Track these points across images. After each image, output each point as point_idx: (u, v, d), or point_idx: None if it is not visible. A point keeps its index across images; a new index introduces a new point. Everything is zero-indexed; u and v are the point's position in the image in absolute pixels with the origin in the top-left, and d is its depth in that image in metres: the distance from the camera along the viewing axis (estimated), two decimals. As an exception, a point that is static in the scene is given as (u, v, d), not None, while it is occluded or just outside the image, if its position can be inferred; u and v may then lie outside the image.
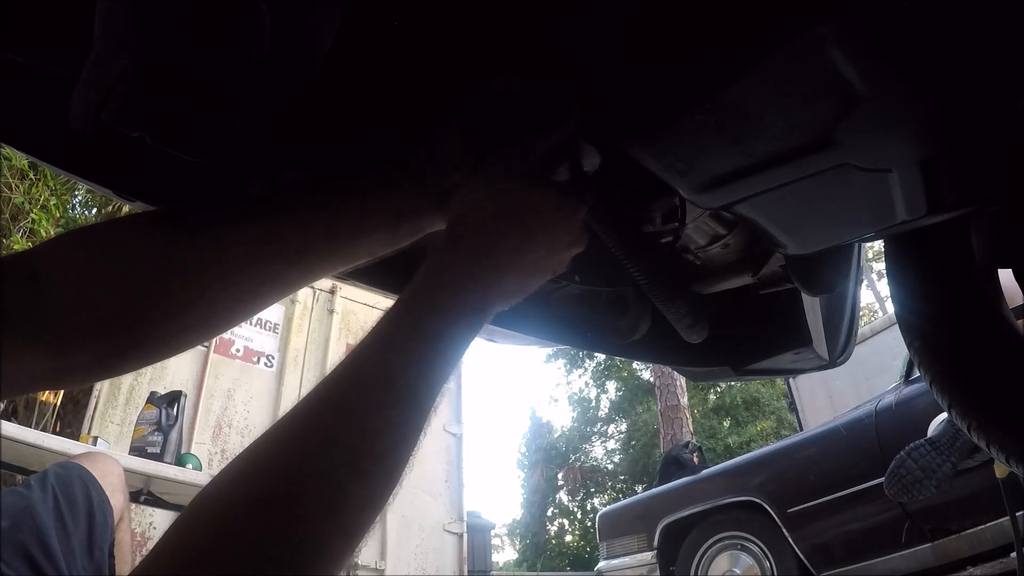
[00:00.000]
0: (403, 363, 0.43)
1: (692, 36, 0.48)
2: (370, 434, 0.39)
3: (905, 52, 0.45)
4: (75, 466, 1.23)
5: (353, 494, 0.37)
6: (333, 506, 0.36)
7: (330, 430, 0.38)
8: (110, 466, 1.31)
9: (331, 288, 5.45)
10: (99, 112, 0.48)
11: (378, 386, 0.41)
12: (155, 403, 2.70)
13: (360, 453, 0.38)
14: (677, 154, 0.56)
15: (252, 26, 0.45)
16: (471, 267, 0.49)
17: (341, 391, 0.41)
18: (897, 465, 2.06)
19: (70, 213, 6.12)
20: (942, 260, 0.90)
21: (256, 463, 0.37)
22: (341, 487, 0.36)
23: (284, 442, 0.38)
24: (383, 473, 0.39)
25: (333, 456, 0.37)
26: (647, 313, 0.91)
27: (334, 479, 0.36)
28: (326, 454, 0.37)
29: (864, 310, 14.36)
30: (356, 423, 0.39)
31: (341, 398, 0.40)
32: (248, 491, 0.35)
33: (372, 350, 0.43)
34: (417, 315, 0.46)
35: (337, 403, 0.40)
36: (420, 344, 0.44)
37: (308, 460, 0.36)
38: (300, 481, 0.35)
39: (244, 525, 0.33)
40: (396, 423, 0.41)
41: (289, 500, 0.34)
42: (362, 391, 0.41)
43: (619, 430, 20.27)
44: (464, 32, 0.64)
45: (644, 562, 3.77)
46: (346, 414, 0.39)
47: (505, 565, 20.68)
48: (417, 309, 0.46)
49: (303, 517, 0.34)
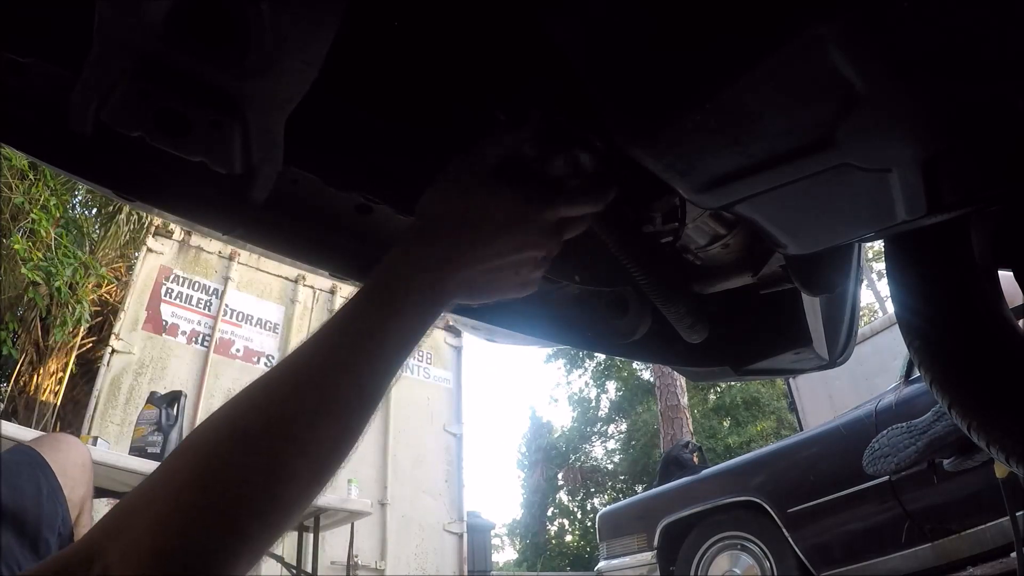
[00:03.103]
0: (355, 366, 0.48)
1: (692, 36, 0.48)
2: (314, 416, 0.44)
3: (905, 52, 0.45)
4: (27, 451, 1.14)
5: (295, 466, 0.43)
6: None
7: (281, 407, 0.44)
8: (73, 455, 1.20)
9: (331, 288, 5.46)
10: (99, 112, 0.48)
11: (325, 382, 0.46)
12: (155, 403, 2.71)
13: (304, 432, 0.44)
14: (677, 154, 0.56)
15: (252, 26, 0.45)
16: (432, 261, 0.53)
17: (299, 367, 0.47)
18: (875, 439, 2.22)
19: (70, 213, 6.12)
20: (942, 260, 0.90)
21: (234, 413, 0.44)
22: (287, 462, 0.42)
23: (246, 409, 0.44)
24: (324, 455, 0.45)
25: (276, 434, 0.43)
26: (647, 313, 0.91)
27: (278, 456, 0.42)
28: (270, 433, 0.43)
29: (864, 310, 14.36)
30: (307, 398, 0.45)
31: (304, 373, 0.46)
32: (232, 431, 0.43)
33: (330, 337, 0.48)
34: (373, 306, 0.50)
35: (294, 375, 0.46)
36: (372, 346, 0.49)
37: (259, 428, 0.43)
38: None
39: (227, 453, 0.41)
40: (342, 405, 0.46)
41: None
42: (317, 375, 0.46)
43: (619, 430, 20.28)
44: (464, 32, 0.64)
45: (644, 562, 3.76)
46: (298, 391, 0.45)
47: (505, 565, 20.70)
48: (374, 298, 0.51)
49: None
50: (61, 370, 6.81)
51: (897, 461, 2.03)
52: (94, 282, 6.14)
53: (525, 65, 0.63)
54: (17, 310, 6.34)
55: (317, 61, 0.49)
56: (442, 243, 0.54)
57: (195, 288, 4.92)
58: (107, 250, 6.84)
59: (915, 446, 1.98)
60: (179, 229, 4.88)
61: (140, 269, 4.76)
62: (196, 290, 4.92)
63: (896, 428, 2.11)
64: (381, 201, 0.71)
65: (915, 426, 2.03)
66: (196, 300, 4.89)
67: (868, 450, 2.22)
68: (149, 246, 4.80)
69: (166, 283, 4.78)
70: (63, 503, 1.12)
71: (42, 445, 1.18)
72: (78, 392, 6.87)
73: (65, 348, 6.72)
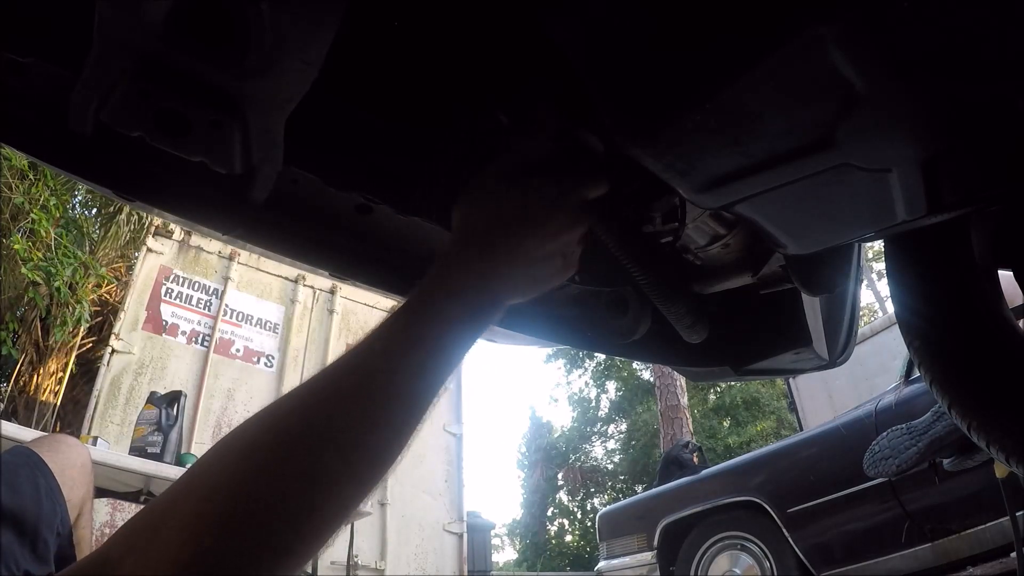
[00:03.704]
0: (401, 373, 0.46)
1: (692, 36, 0.48)
2: (360, 430, 0.43)
3: (905, 52, 0.45)
4: (25, 451, 1.13)
5: (336, 472, 0.41)
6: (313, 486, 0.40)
7: (323, 423, 0.42)
8: (72, 456, 1.20)
9: (331, 288, 5.46)
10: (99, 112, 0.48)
11: (372, 396, 0.44)
12: (155, 403, 2.70)
13: (349, 444, 0.42)
14: (677, 154, 0.56)
15: (252, 26, 0.45)
16: (476, 266, 0.52)
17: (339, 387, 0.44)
18: (875, 442, 2.20)
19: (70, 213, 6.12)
20: (942, 260, 0.90)
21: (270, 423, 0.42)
22: (327, 467, 0.40)
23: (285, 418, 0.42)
24: (367, 463, 0.43)
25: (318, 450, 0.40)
26: (647, 313, 0.91)
27: (323, 460, 0.40)
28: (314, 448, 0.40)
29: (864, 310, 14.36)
30: (349, 416, 0.43)
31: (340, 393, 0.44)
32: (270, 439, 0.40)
33: (376, 355, 0.47)
34: (420, 323, 0.49)
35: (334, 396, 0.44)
36: (419, 353, 0.48)
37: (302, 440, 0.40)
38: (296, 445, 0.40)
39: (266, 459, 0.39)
40: (387, 413, 0.45)
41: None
42: (358, 399, 0.44)
43: (619, 430, 20.28)
44: (464, 32, 0.64)
45: (644, 562, 3.76)
46: (343, 407, 0.43)
47: (505, 565, 20.70)
48: (421, 316, 0.49)
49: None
50: (61, 370, 6.81)
51: (898, 463, 2.02)
52: (94, 282, 6.14)
53: (525, 65, 0.63)
54: (17, 310, 6.34)
55: (317, 61, 0.49)
56: (485, 248, 0.54)
57: (195, 288, 4.92)
58: (107, 250, 6.84)
59: (916, 447, 1.98)
60: (179, 229, 4.88)
61: (140, 269, 4.75)
62: (196, 290, 4.92)
63: (896, 429, 2.11)
64: (381, 201, 0.71)
65: (915, 427, 2.03)
66: (196, 300, 4.89)
67: (868, 452, 2.21)
68: (149, 246, 4.80)
69: (166, 283, 4.78)
70: (62, 503, 1.12)
71: (40, 446, 1.18)
72: (78, 392, 6.87)
73: (65, 348, 6.72)
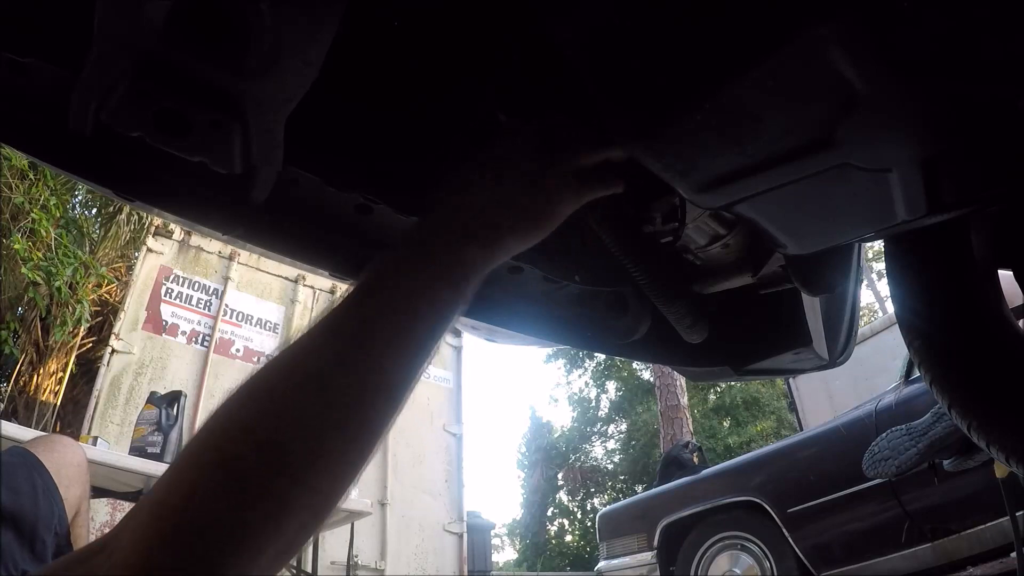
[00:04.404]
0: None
1: (692, 36, 0.48)
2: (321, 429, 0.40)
3: (905, 52, 0.45)
4: (22, 451, 1.14)
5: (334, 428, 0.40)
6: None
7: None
8: (68, 456, 1.20)
9: (331, 288, 5.45)
10: (99, 112, 0.48)
11: (338, 374, 0.42)
12: (155, 403, 2.70)
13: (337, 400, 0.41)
14: (677, 154, 0.56)
15: (252, 26, 0.45)
16: (464, 206, 0.51)
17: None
18: (874, 443, 2.19)
19: (70, 213, 6.12)
20: (942, 260, 0.90)
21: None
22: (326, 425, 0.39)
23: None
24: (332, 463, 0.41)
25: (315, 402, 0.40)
26: (647, 313, 0.91)
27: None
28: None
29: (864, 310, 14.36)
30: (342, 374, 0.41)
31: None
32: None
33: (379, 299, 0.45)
34: (415, 266, 0.47)
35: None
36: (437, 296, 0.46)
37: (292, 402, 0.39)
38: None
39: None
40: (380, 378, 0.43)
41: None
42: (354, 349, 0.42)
43: (619, 430, 20.27)
44: (464, 32, 0.64)
45: (644, 562, 3.76)
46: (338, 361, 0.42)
47: (505, 565, 20.70)
48: (413, 260, 0.48)
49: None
50: (61, 370, 6.81)
51: (898, 464, 2.02)
52: (94, 282, 6.14)
53: (526, 65, 0.63)
54: (17, 310, 6.35)
55: (317, 61, 0.49)
56: (479, 194, 0.52)
57: (195, 288, 4.92)
58: (107, 250, 6.84)
59: (916, 448, 1.97)
60: (179, 229, 4.88)
61: (140, 269, 4.75)
62: (196, 290, 4.92)
63: (896, 430, 2.10)
64: (381, 201, 0.71)
65: (915, 428, 2.03)
66: (196, 300, 4.89)
67: (868, 453, 2.20)
68: (149, 246, 4.80)
69: (166, 283, 4.78)
70: (59, 503, 1.12)
71: (37, 446, 1.19)
72: (78, 392, 6.87)
73: (65, 348, 6.72)
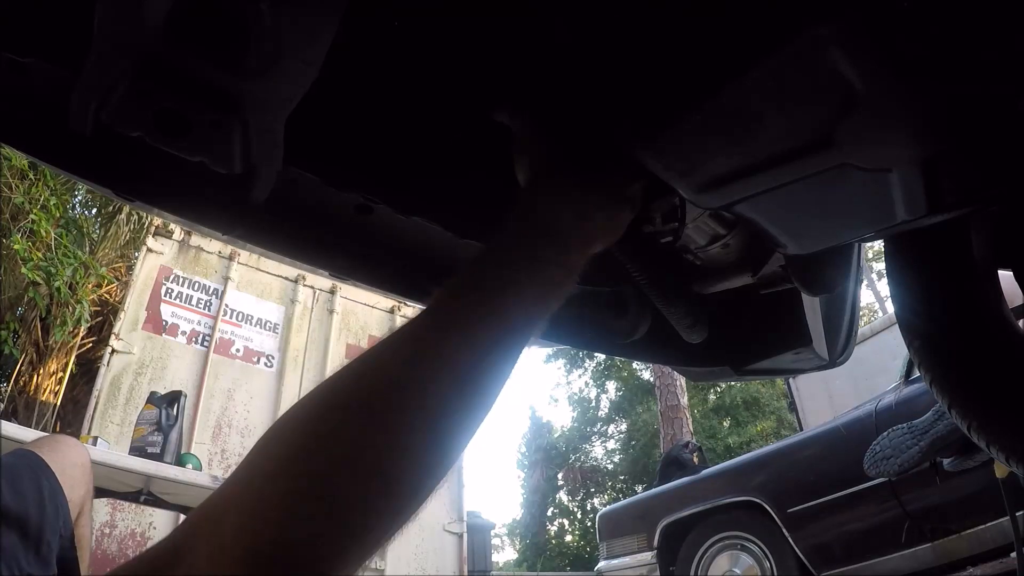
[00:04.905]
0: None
1: (692, 36, 0.48)
2: (432, 383, 0.39)
3: (905, 52, 0.45)
4: (27, 453, 1.14)
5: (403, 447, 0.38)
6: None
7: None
8: (72, 456, 1.20)
9: (331, 288, 5.45)
10: (99, 112, 0.48)
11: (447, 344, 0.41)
12: (155, 403, 2.70)
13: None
14: (677, 155, 0.56)
15: (252, 26, 0.45)
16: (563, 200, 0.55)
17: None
18: (875, 442, 2.20)
19: (70, 213, 6.13)
20: (942, 260, 0.90)
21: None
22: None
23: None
24: (444, 419, 0.39)
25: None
26: (647, 313, 0.91)
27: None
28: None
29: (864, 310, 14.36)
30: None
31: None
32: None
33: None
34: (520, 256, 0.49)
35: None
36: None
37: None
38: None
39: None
40: (469, 371, 0.41)
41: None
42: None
43: (619, 430, 20.27)
44: (464, 32, 0.64)
45: (644, 562, 3.76)
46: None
47: (505, 565, 20.70)
48: (518, 250, 0.49)
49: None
50: (61, 370, 6.81)
51: (900, 462, 2.02)
52: (94, 282, 6.14)
53: (526, 65, 0.63)
54: (17, 310, 6.35)
55: (317, 61, 0.49)
56: (569, 203, 0.56)
57: (195, 288, 4.91)
58: (107, 250, 6.84)
59: (918, 446, 1.97)
60: (179, 229, 4.88)
61: (140, 269, 4.75)
62: (196, 290, 4.92)
63: (897, 429, 2.10)
64: (381, 201, 0.71)
65: (916, 426, 2.03)
66: (196, 300, 4.89)
67: (869, 452, 2.19)
68: (149, 246, 4.80)
69: (166, 283, 4.78)
70: (64, 504, 1.12)
71: (41, 447, 1.18)
72: (78, 392, 6.87)
73: (65, 348, 6.72)
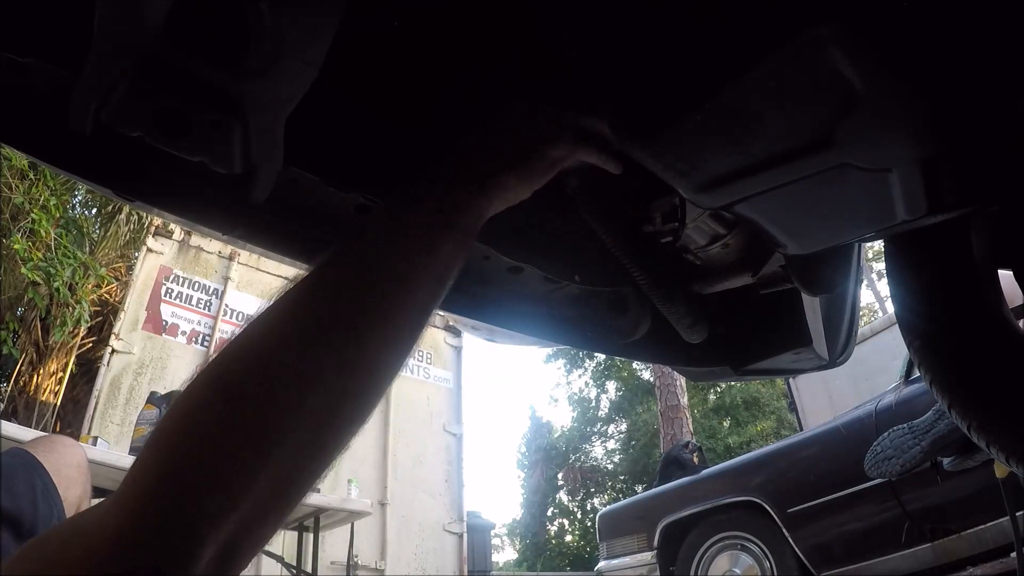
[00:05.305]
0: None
1: (692, 36, 0.48)
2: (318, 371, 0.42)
3: (905, 52, 0.45)
4: (20, 452, 1.13)
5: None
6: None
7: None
8: (68, 456, 1.19)
9: (331, 288, 5.45)
10: (99, 112, 0.48)
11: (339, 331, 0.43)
12: (155, 403, 2.71)
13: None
14: (677, 154, 0.56)
15: (252, 26, 0.45)
16: (459, 163, 0.54)
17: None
18: (876, 442, 2.18)
19: (70, 213, 6.12)
20: (942, 260, 0.90)
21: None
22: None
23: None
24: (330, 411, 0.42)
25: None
26: (647, 313, 0.91)
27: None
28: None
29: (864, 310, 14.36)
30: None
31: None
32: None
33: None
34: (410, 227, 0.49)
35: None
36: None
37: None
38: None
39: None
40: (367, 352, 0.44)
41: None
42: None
43: (619, 430, 20.28)
44: (464, 32, 0.64)
45: (644, 562, 3.76)
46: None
47: (505, 565, 20.70)
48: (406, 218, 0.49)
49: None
50: (61, 370, 6.81)
51: (902, 462, 2.01)
52: (94, 282, 6.14)
53: (525, 65, 0.63)
54: (17, 310, 6.35)
55: (317, 61, 0.49)
56: (470, 144, 0.54)
57: (195, 288, 4.92)
58: (107, 250, 6.84)
59: (920, 446, 1.97)
60: (179, 229, 4.89)
61: (140, 269, 4.76)
62: (196, 290, 4.92)
63: (898, 429, 2.10)
64: (381, 201, 0.71)
65: (917, 426, 2.02)
66: (196, 300, 4.89)
67: (870, 453, 2.19)
68: (149, 246, 4.81)
69: (166, 283, 4.78)
70: (59, 504, 1.11)
71: (36, 447, 1.18)
72: (78, 392, 6.87)
73: (65, 348, 6.72)
